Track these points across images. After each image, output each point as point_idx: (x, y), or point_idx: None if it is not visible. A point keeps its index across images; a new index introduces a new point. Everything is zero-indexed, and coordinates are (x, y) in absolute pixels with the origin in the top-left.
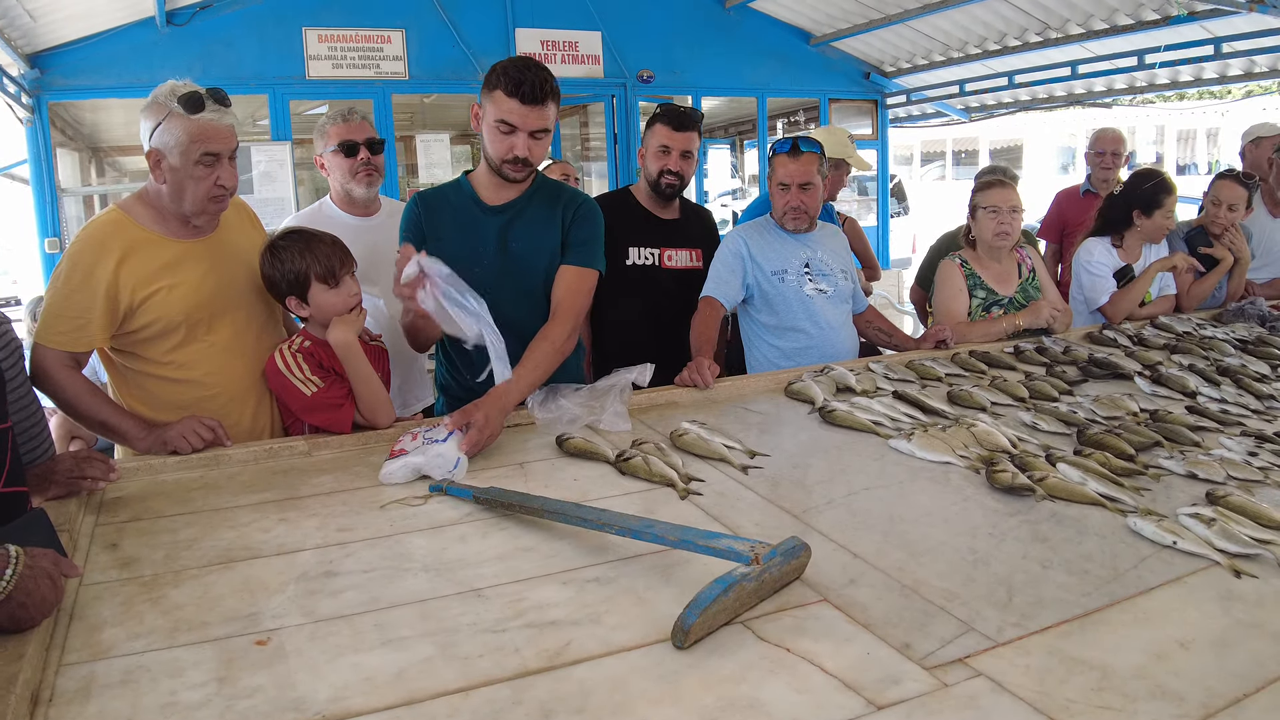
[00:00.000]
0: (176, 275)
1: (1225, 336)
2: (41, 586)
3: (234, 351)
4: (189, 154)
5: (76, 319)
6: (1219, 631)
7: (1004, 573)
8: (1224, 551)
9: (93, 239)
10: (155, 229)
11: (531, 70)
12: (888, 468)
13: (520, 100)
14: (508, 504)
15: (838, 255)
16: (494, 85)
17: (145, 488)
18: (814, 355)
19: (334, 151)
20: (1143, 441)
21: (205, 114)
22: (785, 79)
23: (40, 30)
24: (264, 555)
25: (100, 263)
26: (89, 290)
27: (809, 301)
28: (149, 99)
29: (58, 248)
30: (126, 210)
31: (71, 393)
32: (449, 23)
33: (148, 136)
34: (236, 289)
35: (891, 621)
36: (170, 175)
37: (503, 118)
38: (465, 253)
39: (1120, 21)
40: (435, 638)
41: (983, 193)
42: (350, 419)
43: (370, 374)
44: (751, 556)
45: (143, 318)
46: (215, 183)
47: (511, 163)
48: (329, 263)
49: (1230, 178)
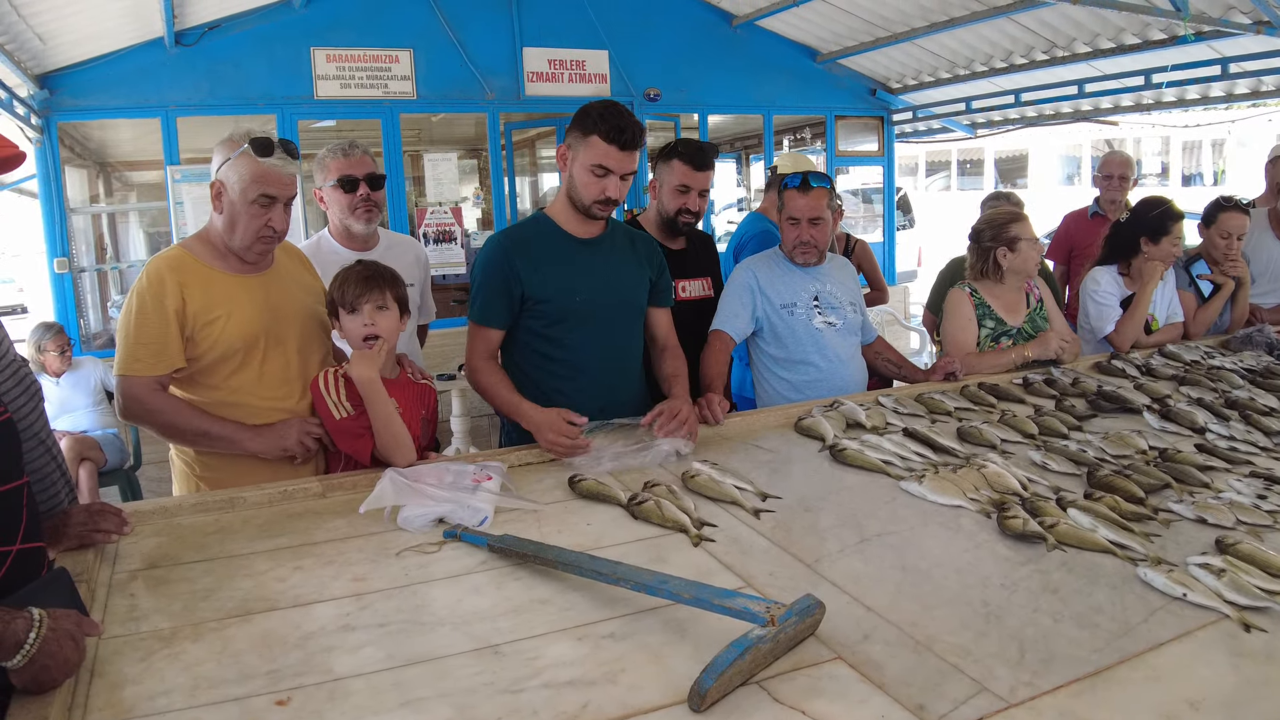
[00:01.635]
0: (232, 305)
1: (1234, 366)
2: (65, 648)
3: (285, 380)
4: (248, 193)
5: (154, 344)
6: (1229, 691)
7: (1016, 627)
8: (1234, 604)
9: (157, 273)
10: (213, 264)
11: (627, 118)
12: (899, 511)
13: (619, 147)
14: (522, 553)
15: (846, 287)
16: (590, 130)
17: (160, 530)
18: (823, 388)
19: (333, 186)
20: (1152, 483)
21: (272, 159)
22: (792, 96)
23: (49, 52)
24: (281, 607)
25: (166, 292)
26: (161, 317)
27: (818, 335)
28: (225, 136)
29: (66, 268)
30: (187, 248)
31: (169, 414)
32: (456, 42)
33: (216, 168)
34: (287, 321)
35: (905, 681)
36: (228, 208)
37: (599, 162)
38: (566, 284)
39: (1127, 41)
40: (453, 698)
41: (1020, 224)
42: (369, 450)
43: (390, 413)
44: (767, 618)
45: (203, 344)
46: (266, 223)
47: (602, 203)
48: (345, 289)
49: (1233, 208)
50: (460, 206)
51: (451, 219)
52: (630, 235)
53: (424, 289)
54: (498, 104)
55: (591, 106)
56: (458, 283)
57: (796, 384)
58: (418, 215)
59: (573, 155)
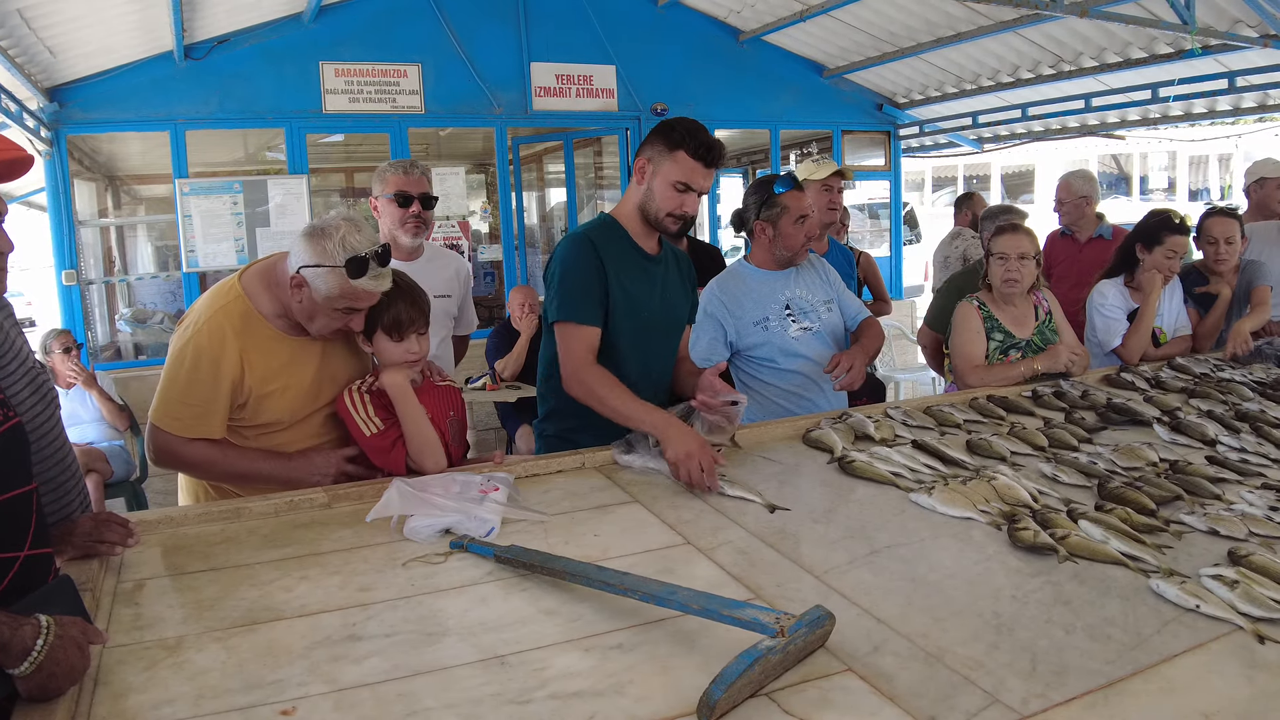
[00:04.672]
0: (290, 376)
1: (1243, 379)
2: (71, 656)
3: (321, 433)
4: (334, 302)
5: (199, 407)
6: (1244, 703)
7: (1027, 639)
8: (1247, 616)
9: (219, 331)
10: (275, 323)
11: (711, 135)
12: (909, 523)
13: (705, 165)
14: (529, 564)
15: (816, 287)
16: (677, 145)
17: (166, 540)
18: (813, 389)
19: (389, 199)
20: (1164, 495)
21: (364, 280)
22: (798, 111)
23: (59, 65)
24: (286, 617)
25: (225, 356)
26: (214, 383)
27: (795, 343)
28: (318, 229)
29: (75, 280)
30: (250, 295)
31: (204, 467)
32: (465, 57)
33: (299, 260)
34: (335, 385)
35: (916, 693)
36: (308, 303)
37: (684, 179)
38: (638, 297)
39: (1134, 55)
40: (460, 709)
41: (1002, 238)
42: (403, 460)
43: (420, 417)
44: (777, 629)
45: (253, 410)
46: (346, 324)
47: (678, 218)
48: (398, 315)
49: (1218, 214)
50: (468, 220)
51: (459, 232)
52: (674, 252)
53: (464, 301)
54: (505, 118)
55: (676, 121)
56: None
57: (784, 390)
58: None
59: (653, 168)
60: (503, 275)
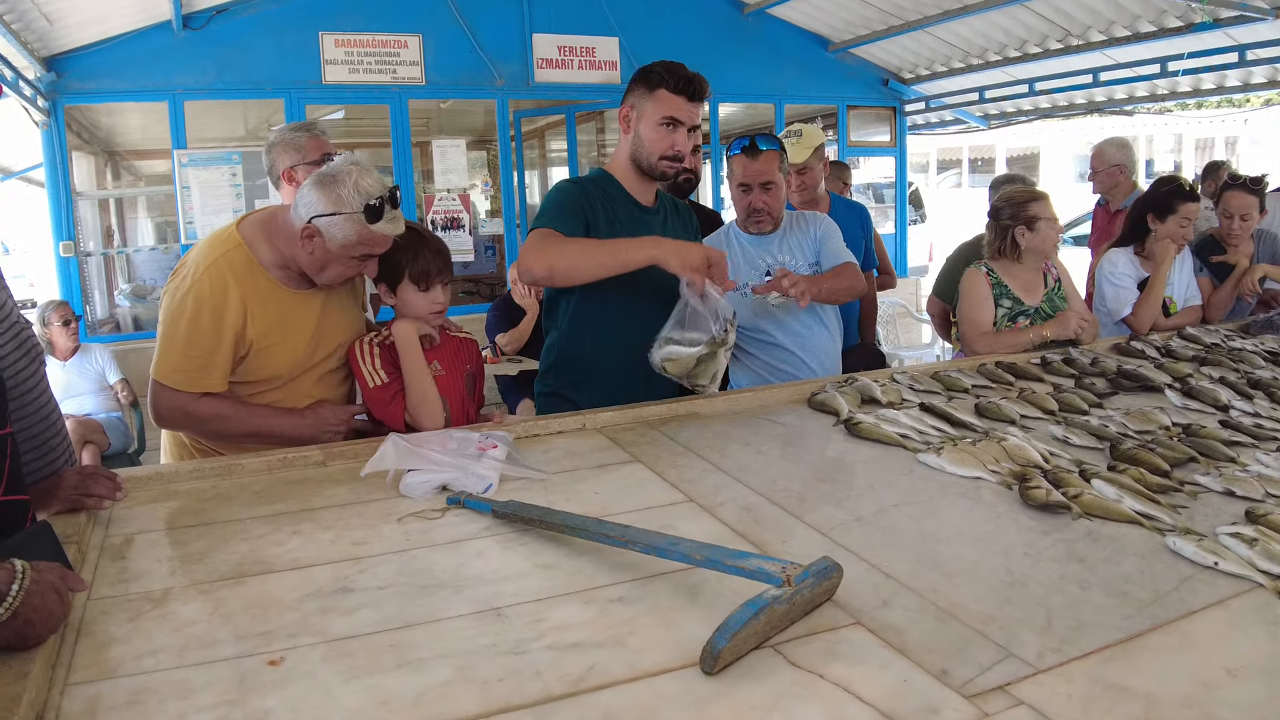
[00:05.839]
0: (288, 329)
1: (1255, 349)
2: (49, 601)
3: (314, 392)
4: (350, 250)
5: (200, 359)
6: (1267, 659)
7: (1041, 594)
8: (1267, 573)
9: (221, 280)
10: (276, 274)
11: (688, 69)
12: (917, 483)
13: (688, 97)
14: (528, 519)
15: (797, 250)
16: (656, 84)
17: (156, 496)
18: (795, 361)
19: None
20: (1177, 457)
21: (382, 224)
22: (803, 85)
23: (56, 34)
24: (277, 570)
25: (229, 307)
26: (216, 334)
27: (774, 312)
28: (328, 175)
29: (72, 251)
30: (250, 244)
31: (215, 423)
32: (466, 28)
33: (311, 209)
34: (334, 340)
35: (928, 646)
36: (319, 252)
37: (670, 114)
38: None
39: (1143, 29)
40: (454, 659)
41: (1039, 204)
42: (401, 414)
43: (421, 370)
44: (783, 578)
45: (252, 364)
46: (360, 271)
47: (671, 159)
48: (425, 265)
49: (1238, 188)
50: (469, 193)
51: (460, 206)
52: (672, 203)
53: None
54: (507, 90)
55: (652, 65)
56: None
57: (770, 361)
58: (425, 202)
59: (637, 114)
60: (504, 250)
